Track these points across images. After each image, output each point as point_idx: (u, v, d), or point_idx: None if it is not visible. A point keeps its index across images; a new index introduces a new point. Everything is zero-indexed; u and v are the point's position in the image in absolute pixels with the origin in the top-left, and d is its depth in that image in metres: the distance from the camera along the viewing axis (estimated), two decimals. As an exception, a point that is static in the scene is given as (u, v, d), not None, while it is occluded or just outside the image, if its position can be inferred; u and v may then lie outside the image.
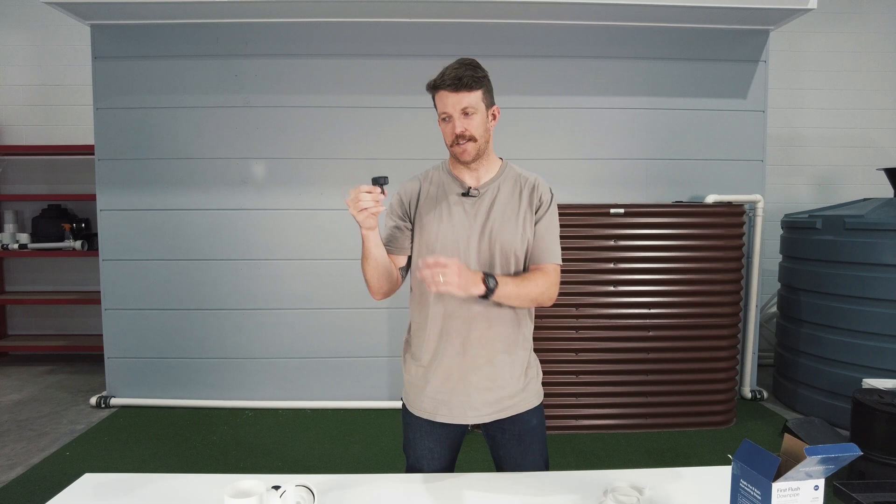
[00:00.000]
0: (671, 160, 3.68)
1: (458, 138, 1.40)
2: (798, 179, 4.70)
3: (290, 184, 3.62)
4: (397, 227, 1.52)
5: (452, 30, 3.54)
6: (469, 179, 1.49)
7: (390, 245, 1.52)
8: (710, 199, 3.54)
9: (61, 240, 4.49)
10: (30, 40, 4.60)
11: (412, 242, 1.52)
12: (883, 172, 3.57)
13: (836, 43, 4.60)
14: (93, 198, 3.66)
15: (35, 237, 4.53)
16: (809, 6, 3.23)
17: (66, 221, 4.52)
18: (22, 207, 4.72)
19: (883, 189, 3.74)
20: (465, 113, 1.39)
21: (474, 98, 1.40)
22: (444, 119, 1.42)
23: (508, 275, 1.44)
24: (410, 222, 1.52)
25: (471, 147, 1.41)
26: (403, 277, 1.56)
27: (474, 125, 1.41)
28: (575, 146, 3.65)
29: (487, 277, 1.34)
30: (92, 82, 3.57)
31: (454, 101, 1.39)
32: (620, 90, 3.64)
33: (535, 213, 1.48)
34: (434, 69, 1.51)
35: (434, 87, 1.43)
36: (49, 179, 4.73)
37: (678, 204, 3.42)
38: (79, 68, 4.42)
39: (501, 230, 1.44)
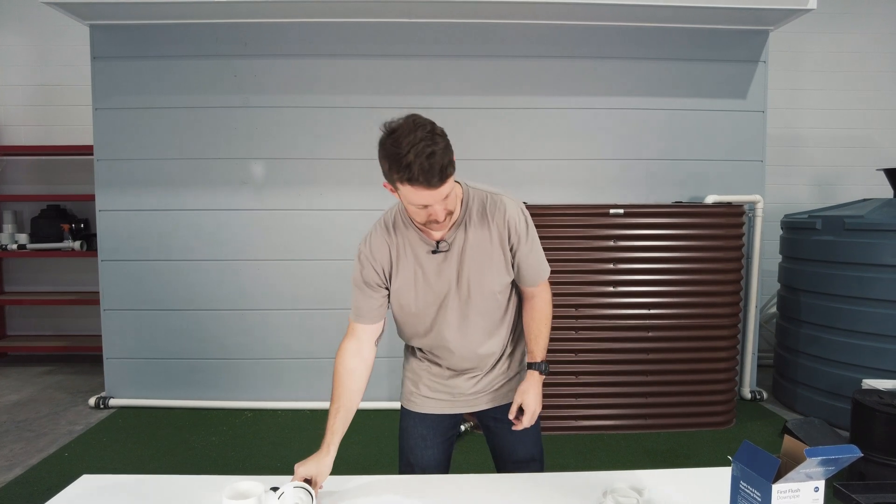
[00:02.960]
0: (671, 160, 3.68)
1: (438, 222, 1.29)
2: (798, 180, 4.69)
3: (289, 184, 3.61)
4: (373, 300, 1.44)
5: (452, 30, 3.53)
6: (435, 232, 1.38)
7: (368, 316, 1.45)
8: (710, 199, 3.54)
9: (60, 240, 4.49)
10: (29, 40, 4.60)
11: (389, 299, 1.48)
12: (883, 173, 3.57)
13: (836, 43, 4.60)
14: (92, 198, 3.65)
15: (34, 237, 4.52)
16: (809, 6, 3.23)
17: (65, 222, 4.51)
18: (21, 208, 4.72)
19: (883, 189, 3.73)
20: (446, 197, 1.25)
21: (450, 183, 1.24)
22: (419, 207, 1.25)
23: (529, 340, 1.51)
24: (387, 288, 1.45)
25: (448, 220, 1.31)
26: (382, 331, 1.52)
27: (451, 201, 1.29)
28: (575, 146, 3.64)
29: (536, 370, 1.47)
30: (91, 82, 3.56)
31: (437, 195, 1.22)
32: (621, 90, 3.64)
33: (512, 247, 1.42)
34: (434, 69, 1.50)
35: (409, 181, 1.18)
36: (48, 180, 4.73)
37: (678, 204, 3.42)
38: (78, 68, 4.41)
39: (479, 277, 1.41)
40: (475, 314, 1.44)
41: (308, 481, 1.27)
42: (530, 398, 1.44)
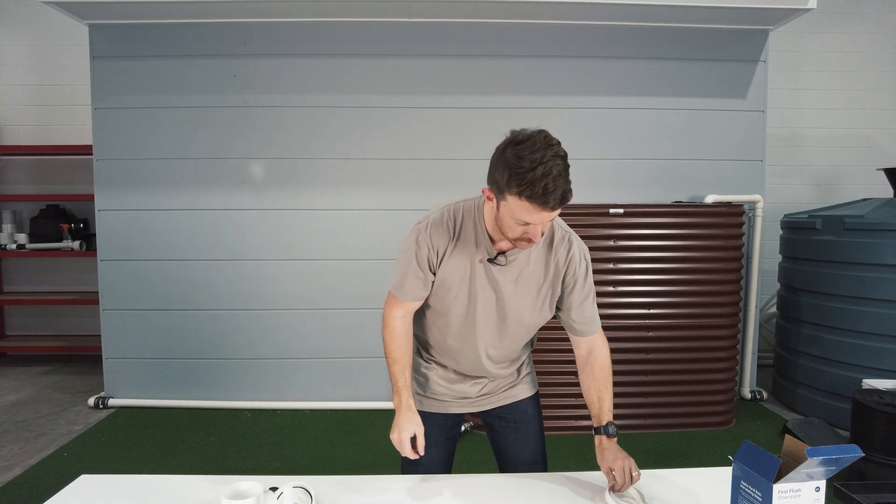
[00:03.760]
0: (671, 160, 3.68)
1: (531, 241, 1.23)
2: (798, 179, 4.69)
3: (288, 184, 3.61)
4: (422, 281, 1.38)
5: (452, 30, 3.53)
6: (502, 242, 1.33)
7: (413, 294, 1.40)
8: (710, 199, 3.54)
9: (59, 240, 4.48)
10: (28, 40, 4.59)
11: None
12: (883, 172, 3.57)
13: (836, 43, 4.60)
14: (91, 198, 3.65)
15: (33, 237, 4.52)
16: (809, 6, 3.23)
17: (65, 221, 4.50)
18: (20, 207, 4.71)
19: (883, 189, 3.73)
20: (551, 219, 1.21)
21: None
22: (520, 223, 1.20)
23: (591, 403, 1.44)
24: (433, 272, 1.39)
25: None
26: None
27: (549, 225, 1.26)
28: (575, 146, 3.59)
29: (604, 434, 1.38)
30: (90, 82, 3.56)
31: (543, 217, 1.17)
32: (620, 90, 3.64)
33: (564, 288, 1.40)
34: (434, 69, 1.49)
35: (529, 198, 1.13)
36: (47, 179, 4.72)
37: (678, 204, 3.42)
38: (77, 68, 4.41)
39: (521, 305, 1.39)
40: (505, 337, 1.43)
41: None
42: (617, 463, 1.31)
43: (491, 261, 1.34)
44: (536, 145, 1.13)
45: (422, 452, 1.36)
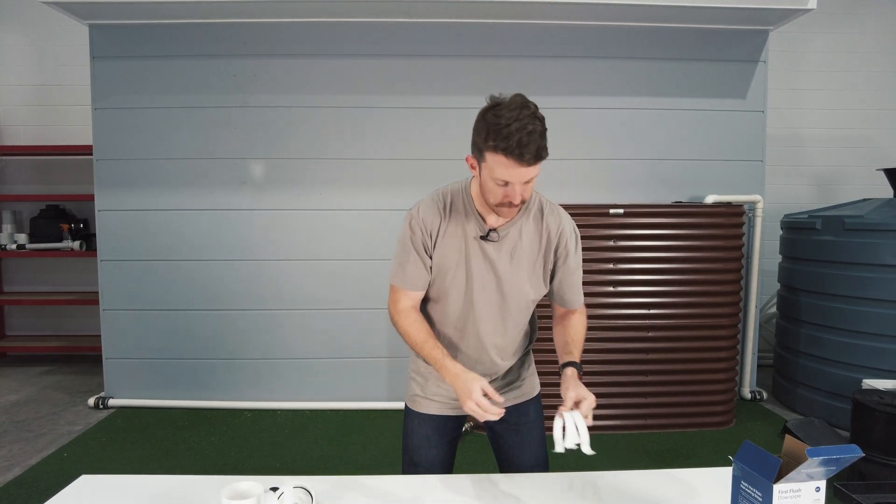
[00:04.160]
0: (671, 160, 3.68)
1: (512, 204, 1.27)
2: (798, 179, 4.69)
3: (288, 184, 3.61)
4: (422, 266, 1.40)
5: (452, 30, 3.53)
6: (492, 217, 1.38)
7: (417, 282, 1.41)
8: (710, 199, 3.54)
9: (59, 240, 4.48)
10: (28, 40, 4.59)
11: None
12: (883, 172, 3.57)
13: (836, 43, 4.60)
14: (91, 198, 3.65)
15: (33, 237, 4.52)
16: (809, 6, 3.23)
17: (65, 222, 4.50)
18: (20, 208, 4.71)
19: (883, 189, 3.73)
20: (528, 181, 1.25)
21: (538, 168, 1.24)
22: (499, 183, 1.24)
23: (566, 343, 1.44)
24: (429, 256, 1.42)
25: (516, 210, 1.31)
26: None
27: (530, 190, 1.28)
28: (575, 146, 3.64)
29: (576, 371, 1.37)
30: (90, 82, 3.56)
31: (524, 173, 1.22)
32: (621, 90, 3.64)
33: (556, 261, 1.44)
34: (434, 69, 1.50)
35: (504, 151, 1.18)
36: (47, 180, 4.72)
37: (678, 204, 3.42)
38: (77, 68, 4.41)
39: (518, 280, 1.40)
40: (508, 320, 1.44)
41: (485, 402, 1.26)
42: (582, 391, 1.31)
43: (484, 238, 1.37)
44: (513, 105, 1.22)
45: (500, 399, 1.28)
